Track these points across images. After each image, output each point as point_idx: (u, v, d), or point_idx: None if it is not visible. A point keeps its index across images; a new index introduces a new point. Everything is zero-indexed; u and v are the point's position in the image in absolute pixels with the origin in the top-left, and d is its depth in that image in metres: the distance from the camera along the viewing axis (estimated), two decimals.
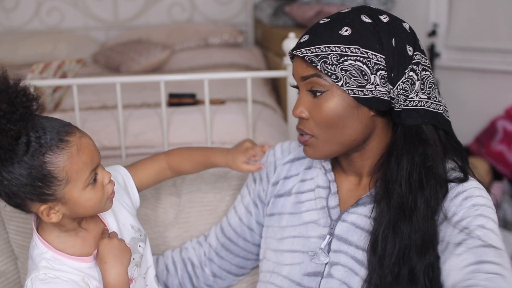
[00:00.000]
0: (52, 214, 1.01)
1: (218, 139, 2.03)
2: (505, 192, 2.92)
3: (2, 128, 0.92)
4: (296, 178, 1.23)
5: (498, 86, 3.18)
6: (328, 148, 1.09)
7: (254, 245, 1.29)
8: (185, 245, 1.37)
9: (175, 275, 1.33)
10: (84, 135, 1.03)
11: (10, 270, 1.40)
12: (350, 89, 1.03)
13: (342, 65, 1.03)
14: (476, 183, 1.05)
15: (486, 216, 1.01)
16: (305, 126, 1.09)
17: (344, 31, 1.04)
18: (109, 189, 1.05)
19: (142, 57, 3.32)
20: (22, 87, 0.97)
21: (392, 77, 1.04)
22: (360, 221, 1.10)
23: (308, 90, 1.07)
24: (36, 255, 1.05)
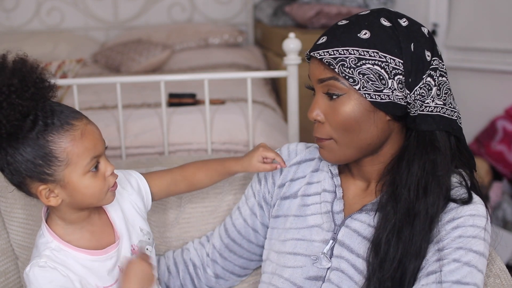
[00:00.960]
0: (52, 197, 1.03)
1: (218, 139, 2.03)
2: (505, 192, 2.92)
3: (12, 102, 0.96)
4: (303, 180, 1.22)
5: (498, 86, 3.18)
6: (345, 152, 1.08)
7: (258, 246, 1.29)
8: (186, 246, 1.36)
9: (176, 277, 1.33)
10: (91, 123, 1.05)
11: (10, 270, 1.40)
12: (367, 93, 1.02)
13: (360, 69, 1.02)
14: (474, 208, 1.03)
15: (468, 248, 1.00)
16: (322, 133, 1.08)
17: (363, 34, 1.03)
18: (110, 181, 1.06)
19: (142, 57, 3.32)
20: (39, 70, 1.01)
21: (410, 82, 1.03)
22: (363, 229, 1.09)
23: (324, 92, 1.06)
24: (41, 243, 1.07)
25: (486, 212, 1.05)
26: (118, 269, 1.10)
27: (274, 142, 2.01)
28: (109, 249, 1.09)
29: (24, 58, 1.02)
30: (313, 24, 3.15)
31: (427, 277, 1.00)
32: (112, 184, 1.06)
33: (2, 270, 1.38)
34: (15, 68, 0.99)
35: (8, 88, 0.96)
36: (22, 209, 1.39)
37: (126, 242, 1.12)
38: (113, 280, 1.09)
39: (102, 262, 1.07)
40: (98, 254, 1.07)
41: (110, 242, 1.10)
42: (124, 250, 1.12)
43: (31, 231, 1.38)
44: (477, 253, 1.00)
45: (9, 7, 3.94)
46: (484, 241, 1.02)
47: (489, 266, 1.11)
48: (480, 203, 1.05)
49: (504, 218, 2.82)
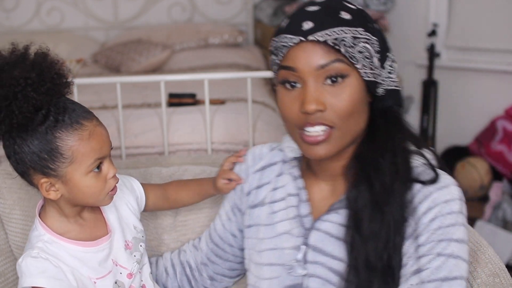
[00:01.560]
0: (52, 191, 1.05)
1: (218, 139, 2.03)
2: (505, 192, 2.92)
3: (26, 95, 0.98)
4: (268, 186, 1.18)
5: (498, 86, 3.19)
6: (344, 141, 1.02)
7: (240, 249, 1.26)
8: (183, 247, 1.36)
9: (174, 278, 1.33)
10: (101, 125, 1.07)
11: (9, 271, 1.40)
12: (365, 72, 1.01)
13: (357, 47, 0.99)
14: (448, 192, 1.00)
15: (449, 238, 0.98)
16: (325, 119, 1.00)
17: (344, 15, 1.00)
18: (111, 183, 1.07)
19: (142, 57, 3.32)
20: (58, 66, 1.04)
21: (383, 59, 1.04)
22: (334, 229, 1.06)
23: (323, 79, 0.99)
24: (34, 236, 1.09)
25: (459, 192, 1.02)
26: (111, 262, 1.11)
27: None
28: (100, 241, 1.11)
29: (46, 52, 1.04)
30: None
31: (414, 277, 0.98)
32: (112, 187, 1.08)
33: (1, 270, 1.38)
34: (35, 62, 1.01)
35: (25, 81, 0.98)
36: (21, 210, 1.39)
37: (119, 237, 1.14)
38: (105, 272, 1.10)
39: (94, 253, 1.09)
40: (89, 245, 1.09)
41: (102, 235, 1.12)
42: (116, 244, 1.13)
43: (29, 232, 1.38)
44: (459, 241, 0.99)
45: (9, 7, 3.94)
46: (463, 226, 1.00)
47: (488, 265, 1.11)
48: (453, 184, 1.02)
49: (504, 218, 2.82)
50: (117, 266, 1.12)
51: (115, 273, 1.11)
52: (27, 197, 1.40)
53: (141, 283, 1.17)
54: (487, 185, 3.03)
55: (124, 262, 1.13)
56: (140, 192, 1.24)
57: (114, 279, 1.10)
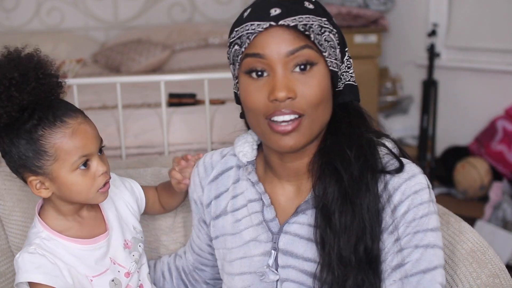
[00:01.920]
0: (43, 189, 1.06)
1: (218, 139, 2.03)
2: (505, 192, 2.92)
3: (10, 94, 1.00)
4: (227, 194, 1.14)
5: (498, 86, 3.19)
6: (313, 132, 0.99)
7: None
8: (178, 252, 1.35)
9: (170, 282, 1.32)
10: (86, 123, 1.07)
11: (9, 271, 1.40)
12: (331, 61, 0.99)
13: (324, 36, 0.98)
14: (417, 181, 0.99)
15: (424, 229, 0.98)
16: (295, 106, 0.96)
17: (307, 4, 0.98)
18: (100, 181, 1.07)
19: (142, 57, 3.32)
20: (46, 67, 1.05)
21: (342, 53, 1.03)
22: (303, 231, 1.03)
23: (292, 66, 0.96)
24: (32, 233, 1.10)
25: (426, 180, 1.01)
26: (109, 260, 1.12)
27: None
28: (98, 239, 1.12)
29: (32, 53, 1.05)
30: None
31: (395, 272, 0.97)
32: (102, 185, 1.08)
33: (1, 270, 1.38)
34: (20, 63, 1.02)
35: (8, 81, 1.00)
36: (20, 212, 1.39)
37: (118, 235, 1.15)
38: (102, 269, 1.10)
39: (91, 251, 1.10)
40: (87, 243, 1.10)
41: (101, 233, 1.13)
42: (115, 243, 1.14)
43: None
44: (434, 230, 0.99)
45: (9, 7, 3.94)
46: (435, 213, 1.00)
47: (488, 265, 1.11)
48: (419, 173, 1.01)
49: (504, 218, 2.81)
50: (115, 265, 1.12)
51: (113, 271, 1.12)
52: (26, 198, 1.40)
53: (139, 283, 1.17)
54: (487, 185, 3.03)
55: (122, 261, 1.14)
56: (140, 194, 1.25)
57: (111, 277, 1.11)
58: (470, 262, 1.10)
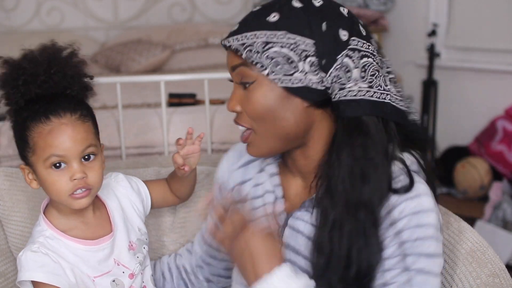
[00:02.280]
0: (34, 179, 1.09)
1: (218, 139, 2.03)
2: (505, 192, 2.92)
3: (17, 84, 1.04)
4: (251, 182, 1.17)
5: (498, 86, 3.19)
6: (267, 144, 1.02)
7: None
8: (179, 251, 1.36)
9: (171, 282, 1.33)
10: (71, 125, 1.05)
11: (9, 271, 1.40)
12: (278, 78, 0.97)
13: (267, 53, 0.96)
14: (418, 203, 0.96)
15: (417, 253, 0.94)
16: (241, 120, 1.03)
17: (272, 17, 0.98)
18: (69, 185, 1.04)
19: (142, 57, 3.32)
20: (65, 63, 1.07)
21: (323, 64, 0.97)
22: (305, 228, 1.04)
23: (238, 81, 1.02)
24: (36, 231, 1.11)
25: (433, 203, 0.97)
26: (113, 261, 1.12)
27: None
28: (101, 240, 1.11)
29: (46, 47, 1.08)
30: None
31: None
32: (73, 189, 1.05)
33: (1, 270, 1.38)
34: (33, 56, 1.06)
35: (17, 71, 1.05)
36: (20, 212, 1.39)
37: (123, 237, 1.15)
38: (105, 270, 1.10)
39: (94, 252, 1.10)
40: (90, 244, 1.10)
41: (105, 234, 1.13)
42: (120, 244, 1.14)
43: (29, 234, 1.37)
44: (428, 256, 0.95)
45: (9, 7, 3.93)
46: (435, 239, 0.96)
47: (488, 265, 1.11)
48: (424, 194, 0.97)
49: (504, 218, 2.82)
50: (119, 266, 1.12)
51: (116, 273, 1.11)
52: (26, 199, 1.40)
53: (142, 284, 1.17)
54: (487, 185, 3.03)
55: (126, 262, 1.13)
56: (145, 195, 1.25)
57: (112, 278, 1.11)
58: (470, 262, 1.10)
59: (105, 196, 1.18)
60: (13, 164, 1.98)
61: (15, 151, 1.91)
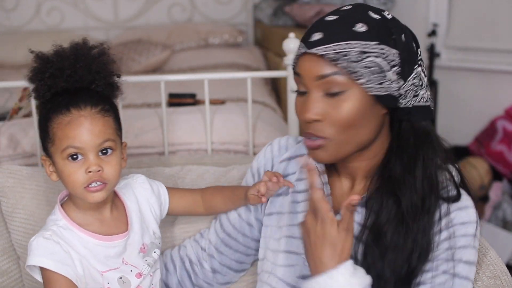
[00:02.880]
0: (53, 172, 1.11)
1: (218, 139, 2.03)
2: (505, 192, 2.92)
3: (43, 77, 1.07)
4: (293, 177, 1.21)
5: (498, 86, 3.18)
6: (343, 150, 1.06)
7: (253, 240, 1.28)
8: (183, 243, 1.37)
9: (174, 274, 1.33)
10: (91, 118, 1.07)
11: (12, 270, 1.40)
12: (370, 87, 1.01)
13: (364, 62, 1.00)
14: (466, 214, 1.03)
15: (457, 259, 1.00)
16: (319, 130, 1.04)
17: (359, 27, 1.01)
18: (85, 178, 1.06)
19: (142, 57, 3.31)
20: (92, 58, 1.10)
21: (405, 73, 1.03)
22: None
23: (324, 90, 1.03)
24: (50, 220, 1.12)
25: (476, 215, 1.04)
26: (121, 260, 1.12)
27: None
28: (114, 237, 1.12)
29: (76, 44, 1.11)
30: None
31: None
32: (87, 182, 1.06)
33: (4, 269, 1.38)
34: (62, 51, 1.10)
35: (45, 65, 1.08)
36: (24, 209, 1.39)
37: (137, 238, 1.16)
38: (113, 266, 1.11)
39: (104, 247, 1.10)
40: (102, 239, 1.11)
41: (121, 232, 1.14)
42: (132, 245, 1.14)
43: (32, 231, 1.38)
44: (468, 263, 1.01)
45: (9, 7, 3.94)
46: (474, 248, 1.03)
47: (490, 267, 1.11)
48: (472, 206, 1.04)
49: (504, 218, 2.82)
50: (126, 265, 1.13)
51: (123, 270, 1.12)
52: (29, 196, 1.40)
53: (151, 287, 1.17)
54: (487, 185, 3.03)
55: (134, 263, 1.14)
56: (164, 200, 1.25)
57: (119, 275, 1.11)
58: None
59: (125, 196, 1.19)
60: (13, 164, 1.98)
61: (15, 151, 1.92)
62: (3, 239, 1.40)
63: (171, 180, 1.42)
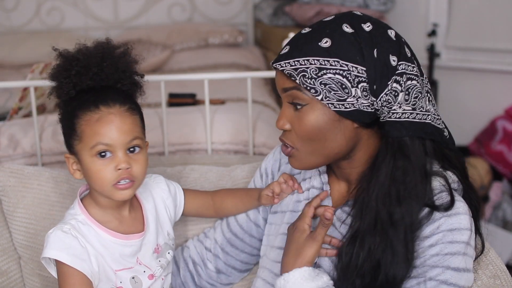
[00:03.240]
0: (77, 170, 1.11)
1: (218, 139, 2.03)
2: (505, 192, 2.92)
3: (69, 75, 1.08)
4: (299, 176, 1.23)
5: (498, 86, 3.18)
6: (312, 160, 1.07)
7: (259, 241, 1.29)
8: (186, 243, 1.37)
9: (177, 275, 1.34)
10: (120, 115, 1.08)
11: (12, 270, 1.40)
12: (331, 103, 1.00)
13: (321, 79, 1.00)
14: (456, 221, 1.00)
15: (444, 266, 0.99)
16: (287, 138, 1.07)
17: (324, 42, 1.01)
18: (115, 175, 1.07)
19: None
20: (117, 58, 1.11)
21: (375, 89, 1.01)
22: (338, 225, 1.11)
23: (289, 102, 1.05)
24: (69, 213, 1.12)
25: (470, 223, 1.02)
26: (136, 260, 1.13)
27: (274, 142, 2.01)
28: (131, 236, 1.13)
29: (101, 43, 1.13)
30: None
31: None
32: (117, 179, 1.07)
33: (4, 269, 1.38)
34: (87, 49, 1.11)
35: (71, 63, 1.09)
36: (25, 208, 1.39)
37: (152, 239, 1.16)
38: (127, 265, 1.12)
39: (121, 246, 1.11)
40: (119, 237, 1.11)
41: (138, 232, 1.14)
42: (147, 245, 1.15)
43: (33, 230, 1.38)
44: (456, 270, 0.99)
45: (9, 7, 3.94)
46: (465, 255, 1.00)
47: (489, 267, 1.11)
48: (464, 213, 1.02)
49: (504, 218, 2.82)
50: (140, 265, 1.13)
51: (137, 270, 1.13)
52: (31, 195, 1.40)
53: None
54: (487, 185, 3.03)
55: (148, 263, 1.15)
56: (180, 202, 1.26)
57: (132, 274, 1.12)
58: None
59: (142, 196, 1.20)
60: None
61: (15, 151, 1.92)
62: (3, 239, 1.40)
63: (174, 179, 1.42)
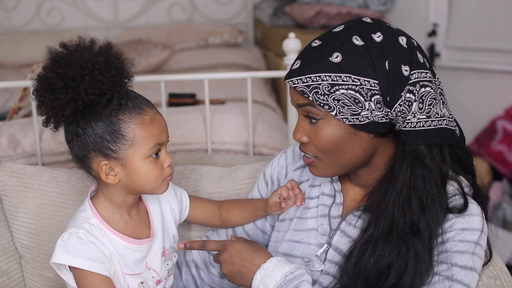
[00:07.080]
0: (111, 175, 1.07)
1: (218, 139, 2.03)
2: (505, 192, 2.92)
3: (93, 78, 1.03)
4: (307, 183, 1.22)
5: (498, 86, 3.18)
6: (332, 170, 1.08)
7: (265, 247, 1.29)
8: None
9: (179, 278, 1.33)
10: (160, 114, 1.11)
11: (13, 269, 1.40)
12: (345, 118, 1.01)
13: (334, 95, 1.00)
14: (468, 221, 1.02)
15: (451, 263, 1.00)
16: (307, 149, 1.08)
17: (334, 57, 1.00)
18: (167, 171, 1.10)
19: (142, 57, 3.31)
20: (122, 58, 1.10)
21: (388, 101, 1.00)
22: (351, 231, 1.10)
23: (305, 115, 1.06)
24: (81, 216, 1.11)
25: (482, 223, 1.03)
26: (145, 265, 1.13)
27: (274, 142, 2.01)
28: (143, 241, 1.13)
29: (111, 43, 1.12)
30: (313, 24, 3.15)
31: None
32: (168, 175, 1.10)
33: (4, 269, 1.38)
34: (102, 49, 1.08)
35: (92, 64, 1.04)
36: (26, 208, 1.39)
37: (159, 242, 1.17)
38: (137, 271, 1.12)
39: (132, 251, 1.11)
40: (132, 242, 1.11)
41: (144, 236, 1.14)
42: (155, 249, 1.15)
43: (34, 230, 1.38)
44: (463, 268, 1.00)
45: (9, 7, 3.93)
46: (474, 255, 1.01)
47: (490, 267, 1.11)
48: (477, 214, 1.03)
49: (504, 218, 2.82)
50: (150, 270, 1.14)
51: (146, 276, 1.13)
52: (32, 195, 1.40)
53: None
54: (487, 185, 3.03)
55: (157, 268, 1.15)
56: (185, 206, 1.27)
57: (140, 280, 1.12)
58: None
59: (148, 199, 1.20)
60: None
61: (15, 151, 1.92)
62: (4, 238, 1.40)
63: (175, 179, 1.42)
